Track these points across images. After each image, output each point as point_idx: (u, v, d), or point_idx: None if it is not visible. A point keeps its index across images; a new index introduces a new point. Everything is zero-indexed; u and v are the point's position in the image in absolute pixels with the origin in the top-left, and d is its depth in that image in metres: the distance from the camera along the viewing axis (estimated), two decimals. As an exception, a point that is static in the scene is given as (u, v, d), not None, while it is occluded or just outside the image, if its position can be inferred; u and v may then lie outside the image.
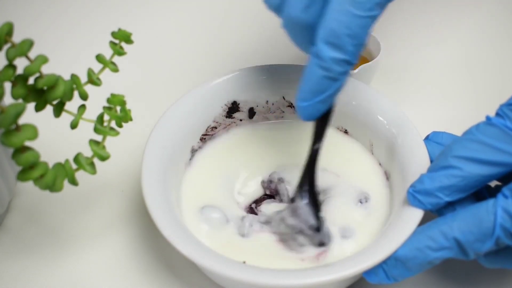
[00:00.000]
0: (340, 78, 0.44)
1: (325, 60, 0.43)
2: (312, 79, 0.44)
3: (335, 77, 0.44)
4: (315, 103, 0.45)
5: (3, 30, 0.42)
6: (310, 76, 0.44)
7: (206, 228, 0.51)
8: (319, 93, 0.45)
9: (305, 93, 0.45)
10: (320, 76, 0.44)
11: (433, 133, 0.51)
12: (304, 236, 0.49)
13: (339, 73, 0.44)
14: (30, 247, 0.54)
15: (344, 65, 0.44)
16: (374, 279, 0.46)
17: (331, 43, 0.43)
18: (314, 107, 0.45)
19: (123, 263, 0.53)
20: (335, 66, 0.43)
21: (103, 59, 0.48)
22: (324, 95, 0.45)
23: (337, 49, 0.43)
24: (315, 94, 0.45)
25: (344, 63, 0.44)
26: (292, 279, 0.44)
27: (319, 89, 0.45)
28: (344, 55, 0.43)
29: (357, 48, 0.43)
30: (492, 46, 0.71)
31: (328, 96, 0.45)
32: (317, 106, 0.46)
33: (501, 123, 0.44)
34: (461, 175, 0.45)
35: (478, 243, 0.43)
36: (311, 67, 0.44)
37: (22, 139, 0.42)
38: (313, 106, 0.45)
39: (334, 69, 0.44)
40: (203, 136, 0.56)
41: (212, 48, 0.70)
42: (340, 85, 0.45)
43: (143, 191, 0.48)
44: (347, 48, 0.43)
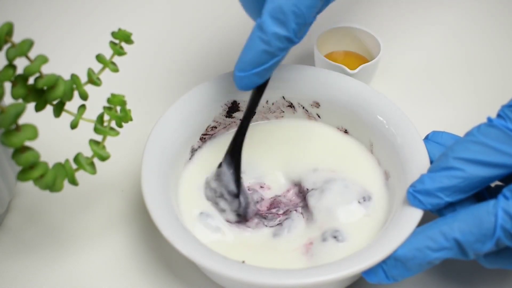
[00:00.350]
0: (279, 53, 0.45)
1: (267, 33, 0.44)
2: (252, 50, 0.45)
3: (274, 52, 0.45)
4: (251, 74, 0.46)
5: (3, 30, 0.42)
6: (251, 47, 0.45)
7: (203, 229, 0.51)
8: (256, 65, 0.46)
9: (243, 63, 0.46)
10: (260, 50, 0.45)
11: (433, 132, 0.51)
12: (224, 201, 0.51)
13: (278, 49, 0.45)
14: (30, 247, 0.54)
15: (285, 42, 0.45)
16: (374, 279, 0.46)
17: (276, 18, 0.44)
18: (250, 78, 0.47)
19: (123, 263, 0.53)
20: (276, 41, 0.44)
21: (103, 59, 0.48)
22: (261, 68, 0.46)
23: (281, 25, 0.44)
24: (253, 66, 0.46)
25: (285, 40, 0.44)
26: (292, 279, 0.44)
27: (257, 62, 0.46)
28: (287, 32, 0.44)
29: (300, 27, 0.44)
30: (492, 46, 0.71)
31: (265, 69, 0.46)
32: (253, 78, 0.47)
33: (502, 124, 0.44)
34: (462, 176, 0.45)
35: (478, 244, 0.43)
36: (253, 39, 0.45)
37: (22, 139, 0.42)
38: (249, 77, 0.46)
39: (274, 44, 0.45)
40: (203, 136, 0.56)
41: (212, 48, 0.70)
42: (278, 60, 0.46)
43: (143, 191, 0.48)
44: (291, 25, 0.44)
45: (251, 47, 0.45)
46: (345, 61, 0.65)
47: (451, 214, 0.45)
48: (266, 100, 0.57)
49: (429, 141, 0.51)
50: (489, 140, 0.44)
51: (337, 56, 0.66)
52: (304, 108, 0.57)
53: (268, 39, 0.44)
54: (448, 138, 0.51)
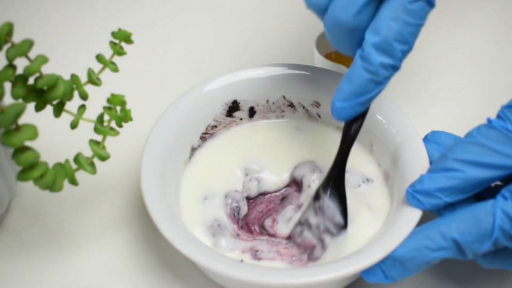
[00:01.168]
0: (384, 82, 0.46)
1: (373, 64, 0.44)
2: (356, 81, 0.45)
3: (381, 81, 0.45)
4: (355, 104, 0.46)
5: (3, 30, 0.42)
6: (355, 78, 0.45)
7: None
8: (361, 94, 0.46)
9: (347, 94, 0.46)
10: (366, 79, 0.45)
11: (432, 132, 0.51)
12: (330, 236, 0.49)
13: (385, 77, 0.45)
14: (30, 247, 0.54)
15: (391, 70, 0.45)
16: (372, 279, 0.46)
17: (381, 48, 0.44)
18: (353, 108, 0.46)
19: (123, 263, 0.53)
20: (382, 70, 0.45)
21: (103, 59, 0.48)
22: (366, 97, 0.46)
23: (386, 55, 0.44)
24: (358, 95, 0.46)
25: (391, 68, 0.45)
26: (290, 278, 0.44)
27: (362, 91, 0.46)
28: (393, 60, 0.45)
29: (405, 54, 0.45)
30: (492, 46, 0.71)
31: (370, 98, 0.46)
32: (356, 108, 0.47)
33: (502, 125, 0.44)
34: (462, 177, 0.45)
35: (476, 244, 0.44)
36: (357, 70, 0.45)
37: (22, 139, 0.42)
38: (352, 107, 0.46)
39: (381, 73, 0.45)
40: (203, 135, 0.56)
41: (212, 48, 0.70)
42: (383, 88, 0.46)
43: (143, 191, 0.48)
44: (397, 54, 0.44)
45: (355, 78, 0.45)
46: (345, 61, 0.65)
47: (449, 214, 0.45)
48: (267, 100, 0.57)
49: (428, 142, 0.51)
50: (489, 142, 0.44)
51: (337, 56, 0.66)
52: (305, 107, 0.57)
53: (375, 69, 0.44)
54: (447, 138, 0.51)
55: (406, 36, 0.44)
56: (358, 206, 0.52)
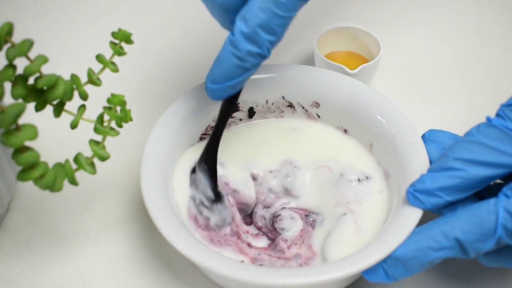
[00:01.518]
0: (252, 68, 0.46)
1: (241, 51, 0.45)
2: (225, 65, 0.46)
3: (248, 67, 0.46)
4: (225, 87, 0.47)
5: (3, 30, 0.42)
6: (224, 61, 0.46)
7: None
8: (230, 78, 0.47)
9: (217, 76, 0.47)
10: (234, 65, 0.46)
11: (430, 131, 0.51)
12: (207, 210, 0.51)
13: (252, 64, 0.46)
14: (30, 247, 0.54)
15: (258, 58, 0.46)
16: (374, 279, 0.46)
17: (248, 37, 0.45)
18: (223, 90, 0.48)
19: (123, 263, 0.53)
20: (249, 58, 0.46)
21: (103, 59, 0.48)
22: (235, 81, 0.47)
23: (253, 44, 0.45)
24: (226, 79, 0.47)
25: (259, 56, 0.46)
26: (291, 278, 0.44)
27: (231, 75, 0.47)
28: (260, 49, 0.45)
29: (273, 44, 0.46)
30: (492, 46, 0.71)
31: (238, 82, 0.47)
32: (227, 90, 0.48)
33: (501, 124, 0.44)
34: (463, 176, 0.45)
35: (479, 243, 0.44)
36: (226, 54, 0.46)
37: (22, 139, 0.42)
38: (222, 89, 0.48)
39: (248, 60, 0.46)
40: (203, 136, 0.56)
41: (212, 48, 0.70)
42: (251, 73, 0.47)
43: (142, 191, 0.48)
44: (264, 44, 0.45)
45: (224, 61, 0.46)
46: (345, 61, 0.65)
47: (451, 213, 0.45)
48: (266, 100, 0.57)
49: (427, 141, 0.51)
50: (489, 140, 0.44)
51: (337, 56, 0.66)
52: (304, 108, 0.57)
53: (242, 56, 0.46)
54: (446, 136, 0.51)
55: (274, 27, 0.45)
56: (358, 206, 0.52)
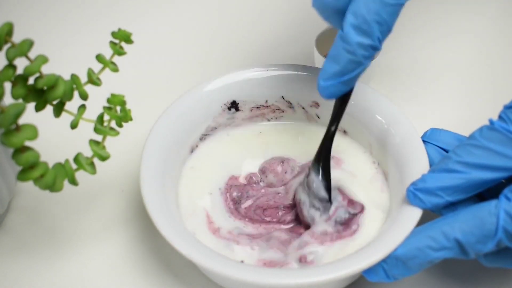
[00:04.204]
0: (364, 62, 0.46)
1: (351, 44, 0.45)
2: (337, 61, 0.46)
3: (360, 60, 0.46)
4: (338, 83, 0.47)
5: (3, 30, 0.42)
6: (336, 58, 0.46)
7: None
8: (342, 74, 0.46)
9: (329, 73, 0.47)
10: (346, 59, 0.46)
11: (431, 130, 0.51)
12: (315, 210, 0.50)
13: (364, 57, 0.46)
14: (30, 247, 0.54)
15: (370, 50, 0.45)
16: (374, 278, 0.46)
17: (359, 28, 0.45)
18: (336, 87, 0.47)
19: (123, 263, 0.53)
20: (361, 50, 0.45)
21: (103, 59, 0.48)
22: (347, 77, 0.46)
23: (364, 35, 0.45)
24: (339, 75, 0.46)
25: (370, 48, 0.45)
26: (291, 279, 0.44)
27: (343, 71, 0.46)
28: (371, 40, 0.45)
29: (384, 34, 0.45)
30: (491, 46, 0.71)
31: (351, 78, 0.47)
32: (339, 87, 0.47)
33: (503, 127, 0.44)
34: (465, 178, 0.45)
35: (479, 245, 0.44)
36: (338, 49, 0.46)
37: (22, 139, 0.42)
38: (335, 86, 0.47)
39: (359, 53, 0.45)
40: (203, 136, 0.56)
41: (211, 48, 0.70)
42: (364, 68, 0.47)
43: (142, 191, 0.48)
44: (375, 34, 0.45)
45: (336, 58, 0.46)
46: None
47: (452, 214, 0.45)
48: (266, 100, 0.57)
49: (427, 142, 0.51)
50: (491, 144, 0.44)
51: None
52: (304, 108, 0.57)
53: (352, 49, 0.45)
54: (447, 136, 0.51)
55: (385, 15, 0.45)
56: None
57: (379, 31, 0.45)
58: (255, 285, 0.44)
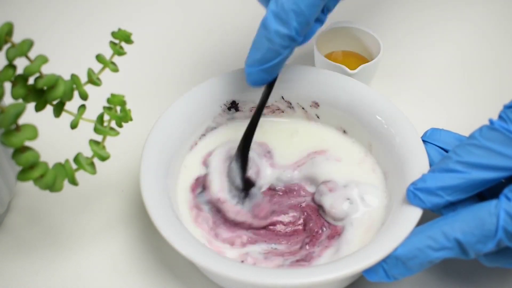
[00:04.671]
0: (282, 52, 0.46)
1: (270, 32, 0.46)
2: (258, 48, 0.47)
3: (278, 50, 0.46)
4: (259, 71, 0.48)
5: (3, 30, 0.42)
6: (257, 44, 0.47)
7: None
8: (263, 62, 0.47)
9: (252, 59, 0.48)
10: (265, 47, 0.46)
11: (432, 130, 0.51)
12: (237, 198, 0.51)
13: (281, 46, 0.46)
14: (30, 247, 0.54)
15: (287, 40, 0.46)
16: (374, 278, 0.46)
17: (278, 16, 0.45)
18: (258, 74, 0.48)
19: (122, 263, 0.53)
20: (278, 39, 0.46)
21: (103, 59, 0.48)
22: (267, 66, 0.47)
23: (282, 23, 0.45)
24: (260, 63, 0.47)
25: (287, 38, 0.46)
26: (291, 279, 0.44)
27: (263, 59, 0.47)
28: (288, 30, 0.45)
29: (302, 26, 0.46)
30: (491, 46, 0.71)
31: (270, 67, 0.47)
32: (261, 75, 0.48)
33: (503, 127, 0.44)
34: (465, 178, 0.45)
35: (479, 245, 0.44)
36: (259, 36, 0.47)
37: (22, 139, 0.42)
38: (257, 73, 0.48)
39: (277, 41, 0.46)
40: (203, 136, 0.56)
41: (211, 48, 0.70)
42: (283, 58, 0.47)
43: (142, 191, 0.48)
44: (292, 24, 0.45)
45: (257, 45, 0.47)
46: (345, 61, 0.65)
47: (452, 214, 0.45)
48: (266, 100, 0.57)
49: (428, 141, 0.51)
50: (491, 144, 0.44)
51: (337, 56, 0.66)
52: (304, 108, 0.57)
53: (270, 37, 0.46)
54: (447, 135, 0.51)
55: (302, 6, 0.45)
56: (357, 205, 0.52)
57: (297, 22, 0.45)
58: (254, 285, 0.44)
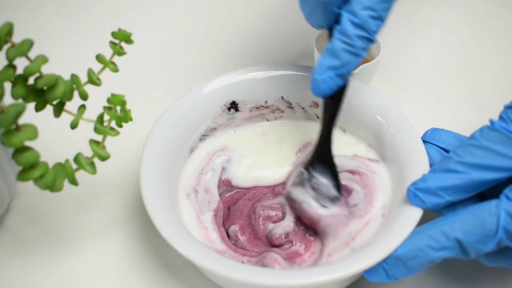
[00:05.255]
0: (361, 53, 0.47)
1: (350, 37, 0.47)
2: (334, 53, 0.47)
3: (358, 52, 0.47)
4: (335, 75, 0.48)
5: (3, 30, 0.42)
6: (333, 51, 0.47)
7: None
8: (339, 66, 0.47)
9: (327, 66, 0.48)
10: (343, 51, 0.47)
11: (432, 130, 0.51)
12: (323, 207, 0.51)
13: (361, 48, 0.47)
14: (30, 247, 0.54)
15: (366, 42, 0.47)
16: (375, 278, 0.46)
17: (356, 24, 0.46)
18: (333, 80, 0.48)
19: (122, 263, 0.53)
20: (359, 41, 0.47)
21: (103, 59, 0.48)
22: (345, 69, 0.47)
23: (361, 29, 0.46)
24: (336, 68, 0.47)
25: (367, 40, 0.47)
26: (291, 279, 0.44)
27: (340, 64, 0.47)
28: (368, 34, 0.47)
29: (379, 28, 0.47)
30: (491, 46, 0.71)
31: (348, 70, 0.48)
32: (336, 80, 0.48)
33: (504, 127, 0.44)
34: (465, 178, 0.45)
35: (479, 244, 0.44)
36: (335, 43, 0.47)
37: (22, 139, 0.42)
38: (332, 78, 0.48)
39: (357, 44, 0.47)
40: (203, 136, 0.56)
41: (211, 48, 0.70)
42: (359, 60, 0.48)
43: (142, 192, 0.48)
44: (371, 28, 0.47)
45: (333, 51, 0.47)
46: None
47: (452, 214, 0.45)
48: (265, 100, 0.57)
49: (429, 141, 0.51)
50: (492, 144, 0.44)
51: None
52: (303, 108, 0.57)
53: (351, 41, 0.47)
54: (448, 135, 0.51)
55: (379, 11, 0.46)
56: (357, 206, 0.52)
57: (375, 25, 0.47)
58: (255, 285, 0.44)
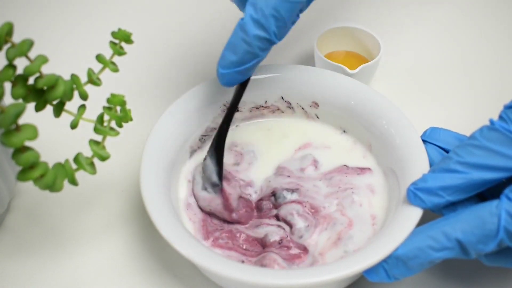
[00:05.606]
0: (260, 54, 0.47)
1: (249, 35, 0.46)
2: (234, 50, 0.47)
3: (256, 52, 0.47)
4: (234, 72, 0.48)
5: (3, 30, 0.42)
6: (233, 47, 0.47)
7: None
8: (239, 64, 0.48)
9: (226, 61, 0.48)
10: (243, 50, 0.47)
11: (431, 129, 0.51)
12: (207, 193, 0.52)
13: (260, 49, 0.47)
14: (30, 247, 0.54)
15: (265, 43, 0.47)
16: (375, 278, 0.46)
17: (257, 21, 0.46)
18: (232, 76, 0.49)
19: (122, 263, 0.53)
20: (257, 42, 0.46)
21: (103, 59, 0.48)
22: (243, 68, 0.48)
23: (261, 28, 0.46)
24: (236, 64, 0.48)
25: (266, 41, 0.47)
26: (292, 279, 0.44)
27: (239, 61, 0.48)
28: (268, 34, 0.46)
29: (280, 30, 0.47)
30: (491, 46, 0.71)
31: (247, 69, 0.48)
32: (236, 76, 0.49)
33: (504, 127, 0.44)
34: (465, 178, 0.45)
35: (480, 245, 0.44)
36: (236, 39, 0.47)
37: (22, 139, 0.42)
38: (231, 75, 0.48)
39: (255, 44, 0.47)
40: (202, 136, 0.56)
41: (211, 48, 0.70)
42: (259, 60, 0.48)
43: (142, 192, 0.48)
44: (271, 28, 0.46)
45: (233, 47, 0.47)
46: (345, 61, 0.65)
47: (453, 214, 0.45)
48: (265, 100, 0.57)
49: (428, 140, 0.51)
50: (492, 144, 0.44)
51: (337, 56, 0.66)
52: (303, 108, 0.57)
53: (249, 40, 0.46)
54: (447, 135, 0.51)
55: (282, 12, 0.46)
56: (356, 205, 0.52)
57: (276, 26, 0.46)
58: (254, 285, 0.44)
